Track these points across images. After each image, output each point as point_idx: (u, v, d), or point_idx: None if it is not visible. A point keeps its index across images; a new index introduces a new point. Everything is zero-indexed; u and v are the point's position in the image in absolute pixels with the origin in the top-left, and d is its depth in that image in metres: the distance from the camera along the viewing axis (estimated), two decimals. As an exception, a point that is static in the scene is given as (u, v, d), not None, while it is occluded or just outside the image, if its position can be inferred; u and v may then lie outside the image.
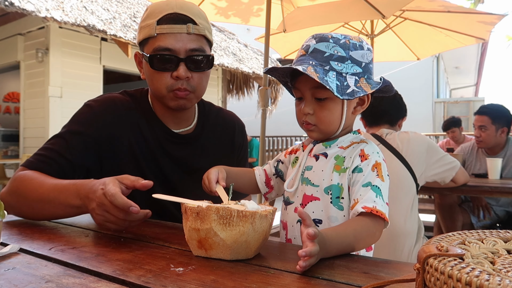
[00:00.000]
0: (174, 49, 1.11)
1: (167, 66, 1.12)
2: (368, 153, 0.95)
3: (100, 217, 0.89)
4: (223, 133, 1.38)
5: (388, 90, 1.02)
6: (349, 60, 0.93)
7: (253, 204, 0.81)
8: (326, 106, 0.95)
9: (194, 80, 1.15)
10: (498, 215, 3.01)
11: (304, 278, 0.66)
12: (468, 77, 16.44)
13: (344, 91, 0.89)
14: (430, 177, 2.20)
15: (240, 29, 10.57)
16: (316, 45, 0.94)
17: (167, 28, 1.10)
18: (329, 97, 0.94)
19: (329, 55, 0.92)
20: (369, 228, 0.86)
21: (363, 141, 1.00)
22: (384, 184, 0.91)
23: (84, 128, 1.16)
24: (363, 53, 0.95)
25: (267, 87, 3.58)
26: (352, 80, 0.92)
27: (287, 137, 9.93)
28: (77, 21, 5.27)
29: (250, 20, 4.48)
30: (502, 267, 0.40)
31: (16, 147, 7.10)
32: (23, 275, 0.65)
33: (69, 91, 5.97)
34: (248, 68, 8.17)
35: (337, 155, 0.98)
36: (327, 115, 0.96)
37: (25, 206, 1.05)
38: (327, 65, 0.91)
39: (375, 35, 4.75)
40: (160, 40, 1.11)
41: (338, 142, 1.00)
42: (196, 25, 1.13)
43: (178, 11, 1.12)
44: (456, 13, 4.18)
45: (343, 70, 0.92)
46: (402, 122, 2.37)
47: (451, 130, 4.99)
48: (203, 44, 1.16)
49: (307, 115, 0.97)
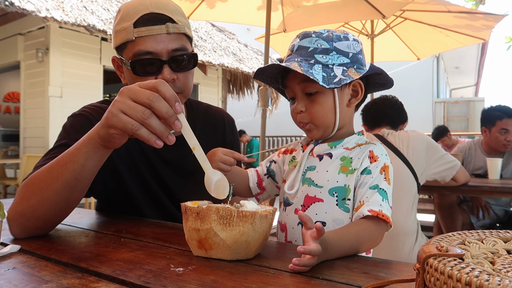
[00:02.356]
0: (155, 52, 1.05)
1: (150, 70, 1.07)
2: (377, 155, 0.94)
3: (123, 105, 0.74)
4: (213, 131, 1.35)
5: (386, 82, 1.01)
6: (334, 52, 0.93)
7: (253, 204, 0.81)
8: (317, 100, 0.94)
9: (180, 80, 1.11)
10: (497, 215, 3.01)
11: (304, 278, 0.66)
12: (468, 77, 16.44)
13: (331, 81, 0.89)
14: (430, 176, 2.20)
15: (240, 29, 10.58)
16: (299, 42, 0.95)
17: (146, 30, 1.04)
18: (318, 90, 0.94)
19: (313, 49, 0.93)
20: (372, 232, 0.85)
21: (370, 142, 0.99)
22: (390, 188, 0.91)
23: (78, 132, 1.05)
24: (348, 44, 0.94)
25: (267, 87, 3.58)
26: (340, 70, 0.92)
27: (287, 137, 9.94)
28: (77, 21, 5.27)
29: (250, 20, 4.49)
30: (502, 267, 0.40)
31: (16, 147, 7.10)
32: (23, 275, 0.65)
33: (69, 91, 5.97)
34: (248, 68, 8.17)
35: (343, 156, 0.97)
36: (319, 110, 0.95)
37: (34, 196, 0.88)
38: (312, 59, 0.92)
39: (375, 35, 4.75)
40: (139, 43, 1.05)
41: (343, 143, 0.99)
42: (175, 23, 1.08)
43: (154, 10, 1.06)
44: (456, 13, 4.18)
45: (329, 62, 0.92)
46: (403, 127, 2.40)
47: (440, 141, 5.25)
48: (184, 42, 1.11)
49: (300, 114, 0.97)
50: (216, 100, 8.64)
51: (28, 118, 6.19)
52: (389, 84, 1.02)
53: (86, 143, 0.83)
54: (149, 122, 0.74)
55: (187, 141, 0.79)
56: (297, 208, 0.98)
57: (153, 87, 0.75)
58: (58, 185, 0.85)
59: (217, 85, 8.68)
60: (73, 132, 1.09)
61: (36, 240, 0.88)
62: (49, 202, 0.86)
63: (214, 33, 8.63)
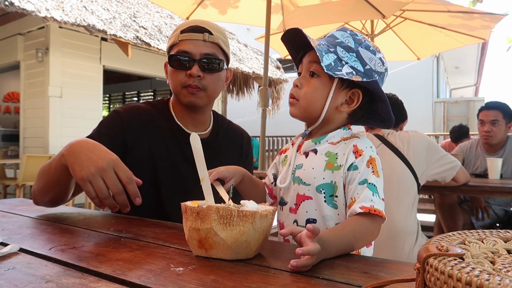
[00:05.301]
0: (190, 52, 1.29)
1: (183, 65, 1.30)
2: (361, 149, 0.93)
3: (93, 178, 0.99)
4: (233, 141, 1.52)
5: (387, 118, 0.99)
6: (354, 53, 0.94)
7: (253, 204, 0.81)
8: (313, 82, 0.96)
9: (206, 80, 1.31)
10: (497, 215, 3.01)
11: (304, 278, 0.66)
12: (468, 77, 16.44)
13: (332, 70, 0.91)
14: (430, 176, 2.21)
15: (240, 29, 10.59)
16: (334, 31, 0.99)
17: (187, 36, 1.30)
18: (320, 75, 0.95)
19: (339, 41, 0.96)
20: (367, 227, 0.85)
21: (354, 136, 0.98)
22: (379, 180, 0.91)
23: (111, 131, 1.30)
24: (371, 57, 0.95)
25: (267, 87, 3.58)
26: (348, 69, 0.92)
27: (287, 137, 9.93)
28: (77, 21, 5.27)
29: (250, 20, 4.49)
30: (502, 266, 0.40)
31: (16, 147, 7.10)
32: (23, 275, 0.65)
33: (69, 91, 5.97)
34: (248, 68, 8.16)
35: (328, 151, 0.96)
36: (311, 92, 0.96)
37: (39, 181, 1.19)
38: (333, 48, 0.95)
39: (375, 35, 4.75)
40: (180, 45, 1.31)
41: (328, 138, 0.98)
42: (212, 35, 1.32)
43: (199, 24, 1.33)
44: (456, 13, 4.18)
45: (344, 59, 0.93)
46: (403, 125, 2.42)
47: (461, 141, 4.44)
48: (216, 51, 1.33)
49: (295, 88, 0.99)
50: (216, 100, 8.62)
51: (28, 118, 6.19)
52: (389, 121, 1.00)
53: (58, 160, 1.10)
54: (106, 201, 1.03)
55: (198, 172, 0.88)
56: (291, 207, 0.99)
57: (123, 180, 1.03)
58: (50, 179, 1.15)
59: (217, 85, 8.67)
60: (102, 125, 1.33)
61: (36, 240, 0.88)
62: (47, 187, 1.17)
63: (214, 33, 8.62)
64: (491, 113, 2.96)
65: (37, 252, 0.78)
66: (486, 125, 2.96)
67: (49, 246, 0.83)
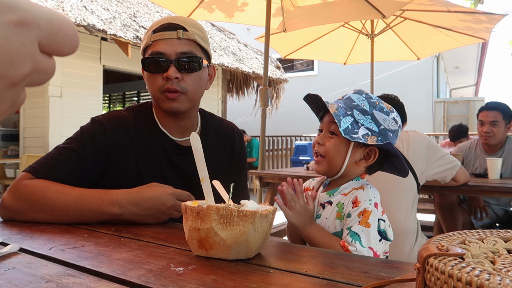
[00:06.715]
0: (165, 53, 1.18)
1: (158, 68, 1.20)
2: (360, 200, 1.05)
3: (165, 217, 1.08)
4: (223, 142, 1.42)
5: (401, 169, 1.14)
6: (369, 116, 1.07)
7: (253, 203, 0.81)
8: (334, 141, 1.09)
9: (185, 81, 1.20)
10: (497, 214, 3.02)
11: (304, 278, 0.66)
12: (468, 77, 16.43)
13: (349, 134, 1.03)
14: (430, 176, 2.20)
15: (240, 29, 10.58)
16: (351, 94, 1.12)
17: (160, 35, 1.20)
18: (338, 135, 1.07)
19: (355, 105, 1.08)
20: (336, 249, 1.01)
21: (363, 186, 1.09)
22: (366, 230, 1.01)
23: (92, 140, 1.19)
24: (385, 118, 1.08)
25: (267, 87, 3.58)
26: (364, 131, 1.04)
27: (287, 137, 9.92)
28: (77, 20, 5.26)
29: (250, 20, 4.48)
30: (503, 266, 0.39)
31: (16, 147, 7.10)
32: (23, 275, 0.65)
33: (69, 90, 5.96)
34: (248, 68, 8.16)
35: (339, 202, 1.09)
36: (332, 150, 1.09)
37: (41, 213, 1.06)
38: (350, 111, 1.07)
39: (375, 34, 4.75)
40: (154, 46, 1.20)
41: (340, 190, 1.11)
42: (187, 31, 1.20)
43: (171, 21, 1.22)
44: (456, 13, 4.18)
45: (361, 121, 1.06)
46: (403, 127, 2.41)
47: (459, 141, 4.61)
48: (193, 48, 1.22)
49: (318, 146, 1.12)
50: (216, 100, 8.63)
51: (27, 118, 6.18)
52: (403, 172, 1.14)
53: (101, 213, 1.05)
54: None
55: (198, 172, 0.88)
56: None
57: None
58: (68, 219, 1.06)
59: (217, 85, 8.67)
60: (88, 139, 1.19)
61: (36, 240, 0.88)
62: (55, 221, 1.06)
63: (214, 32, 8.62)
64: (490, 114, 2.96)
65: (37, 252, 0.78)
66: (486, 125, 2.96)
67: (49, 246, 0.83)
